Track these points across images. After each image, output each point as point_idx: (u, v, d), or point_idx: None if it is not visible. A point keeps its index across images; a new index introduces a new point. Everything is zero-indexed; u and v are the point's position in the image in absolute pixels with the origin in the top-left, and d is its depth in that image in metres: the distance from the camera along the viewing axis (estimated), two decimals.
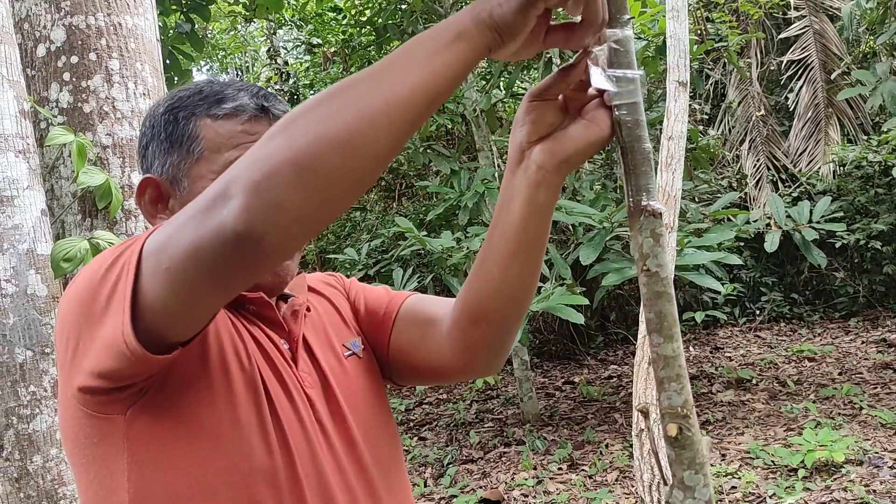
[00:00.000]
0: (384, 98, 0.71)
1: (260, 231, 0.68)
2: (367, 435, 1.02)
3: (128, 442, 0.86)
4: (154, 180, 0.99)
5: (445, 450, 5.48)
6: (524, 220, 0.93)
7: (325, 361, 1.03)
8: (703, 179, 7.56)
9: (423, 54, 0.74)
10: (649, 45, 5.14)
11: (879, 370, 5.91)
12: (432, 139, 7.36)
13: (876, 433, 4.58)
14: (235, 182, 0.70)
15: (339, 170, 0.70)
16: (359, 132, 0.70)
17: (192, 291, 0.75)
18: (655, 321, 0.76)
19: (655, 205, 0.77)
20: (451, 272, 5.59)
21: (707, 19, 7.93)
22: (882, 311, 7.76)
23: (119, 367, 0.80)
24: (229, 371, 0.90)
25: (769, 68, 9.25)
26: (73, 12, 2.27)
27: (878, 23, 6.81)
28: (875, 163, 7.73)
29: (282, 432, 0.92)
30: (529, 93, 0.91)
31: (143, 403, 0.85)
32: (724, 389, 5.96)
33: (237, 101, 0.97)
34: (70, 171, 2.25)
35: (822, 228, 5.42)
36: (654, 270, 0.76)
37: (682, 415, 0.73)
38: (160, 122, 0.99)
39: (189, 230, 0.72)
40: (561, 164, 0.90)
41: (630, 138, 0.79)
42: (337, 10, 8.07)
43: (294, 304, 1.05)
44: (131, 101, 2.32)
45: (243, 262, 0.72)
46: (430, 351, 1.09)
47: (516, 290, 0.99)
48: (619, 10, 0.80)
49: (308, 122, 0.71)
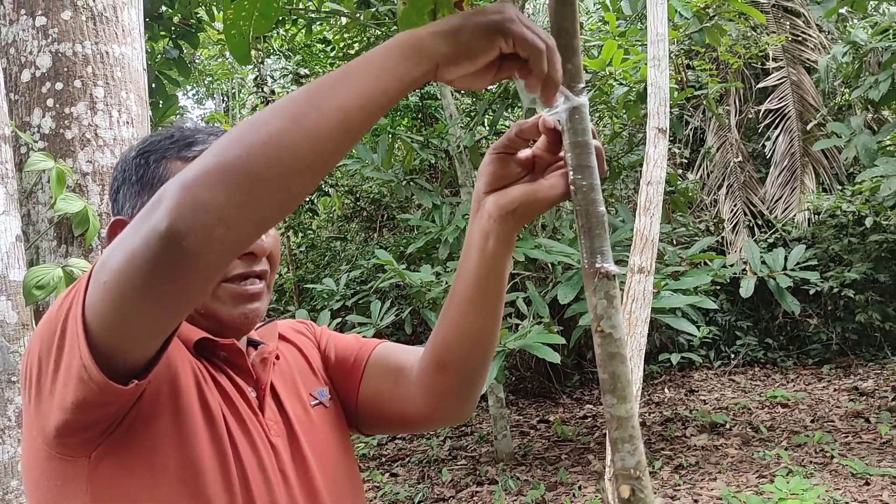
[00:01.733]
0: (314, 101, 0.71)
1: (183, 229, 0.67)
2: (331, 486, 1.02)
3: (90, 485, 0.85)
4: (125, 222, 0.99)
5: (417, 487, 5.41)
6: (478, 268, 0.96)
7: (292, 410, 1.03)
8: (682, 223, 7.65)
9: (376, 64, 0.74)
10: (631, 91, 5.23)
11: (851, 419, 5.96)
12: (415, 173, 7.40)
13: (846, 483, 4.60)
14: (169, 187, 0.70)
15: (264, 169, 0.69)
16: (284, 131, 0.69)
17: (127, 303, 0.73)
18: (609, 382, 0.76)
19: (610, 267, 0.79)
20: (430, 306, 5.58)
21: (688, 67, 8.10)
22: (854, 358, 7.84)
23: (83, 396, 0.79)
24: (194, 417, 0.89)
25: (747, 116, 9.43)
26: (61, 39, 2.28)
27: (853, 77, 6.99)
28: (849, 212, 7.87)
29: (245, 481, 0.91)
30: (493, 146, 0.94)
31: (107, 446, 0.84)
32: (697, 433, 5.97)
33: (207, 143, 0.98)
34: (48, 196, 2.24)
35: (796, 275, 5.49)
36: (608, 331, 0.77)
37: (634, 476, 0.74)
38: (131, 166, 1.00)
39: (126, 241, 0.71)
40: (507, 216, 0.93)
41: (584, 202, 0.81)
42: (326, 41, 8.14)
43: (263, 351, 1.05)
44: (114, 128, 2.32)
45: (169, 267, 0.69)
46: (399, 399, 1.09)
47: (476, 335, 1.01)
48: (574, 79, 0.83)
49: (244, 127, 0.71)
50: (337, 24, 7.22)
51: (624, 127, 7.15)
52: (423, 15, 0.95)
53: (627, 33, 5.55)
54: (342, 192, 9.34)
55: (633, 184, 7.62)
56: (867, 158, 6.14)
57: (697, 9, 5.28)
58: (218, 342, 0.98)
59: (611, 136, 7.02)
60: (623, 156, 6.76)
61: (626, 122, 6.91)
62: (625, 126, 7.11)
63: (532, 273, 5.74)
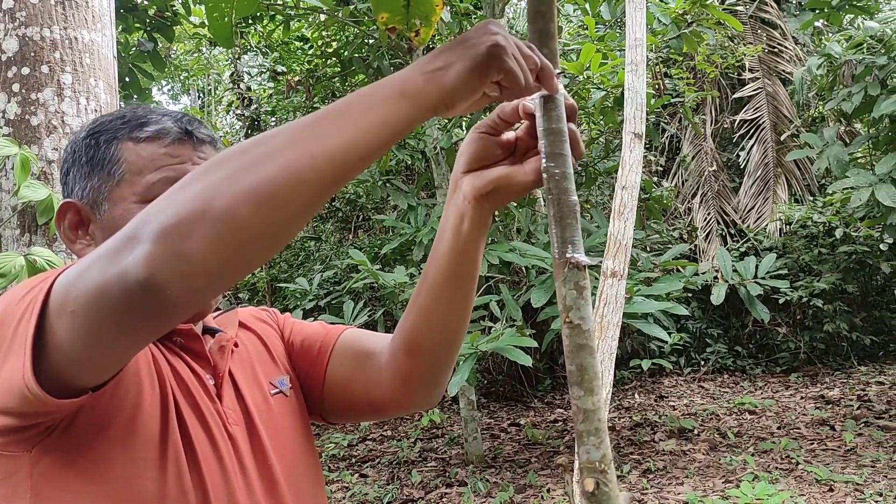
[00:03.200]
0: (311, 151, 0.68)
1: (163, 281, 0.64)
2: (290, 475, 1.00)
3: (31, 481, 0.81)
4: (74, 205, 0.96)
5: (386, 488, 5.38)
6: (451, 250, 0.95)
7: (251, 398, 1.01)
8: (655, 229, 7.70)
9: (363, 108, 0.71)
10: (608, 96, 5.26)
11: (817, 426, 6.03)
12: (392, 174, 7.37)
13: (811, 489, 4.65)
14: (146, 226, 0.65)
15: (256, 224, 0.65)
16: (280, 185, 0.66)
17: (96, 338, 0.70)
18: (576, 374, 0.75)
19: (580, 257, 0.77)
20: (403, 307, 5.55)
21: (665, 75, 8.16)
22: (821, 367, 7.95)
23: (21, 407, 0.76)
24: (143, 408, 0.86)
25: (723, 126, 9.53)
26: (28, 23, 2.23)
27: (827, 89, 7.09)
28: (820, 223, 7.98)
29: (198, 472, 0.88)
30: (476, 125, 0.92)
31: (49, 442, 0.81)
32: (666, 438, 6.00)
33: (160, 124, 0.95)
34: (12, 183, 2.18)
35: (766, 284, 5.55)
36: (577, 323, 0.76)
37: (599, 469, 0.72)
38: (81, 147, 0.97)
39: (95, 272, 0.67)
40: (482, 198, 0.91)
41: (557, 190, 0.80)
42: (303, 39, 8.09)
43: (221, 339, 1.02)
44: (82, 116, 2.27)
45: (147, 313, 0.67)
46: (367, 384, 1.08)
47: (447, 320, 1.00)
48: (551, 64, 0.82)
49: (229, 169, 0.66)
50: (315, 21, 7.18)
51: (601, 133, 7.19)
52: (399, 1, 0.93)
53: (606, 38, 5.58)
54: None
55: (608, 190, 7.66)
56: (839, 170, 6.23)
57: (676, 15, 5.32)
58: (175, 327, 0.95)
59: (587, 142, 7.05)
60: (599, 161, 6.79)
61: (602, 128, 6.94)
62: (601, 131, 7.15)
63: (506, 276, 5.74)
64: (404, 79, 0.73)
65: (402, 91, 0.73)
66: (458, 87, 0.74)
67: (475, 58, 0.74)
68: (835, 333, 7.83)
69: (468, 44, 0.75)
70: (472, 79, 0.74)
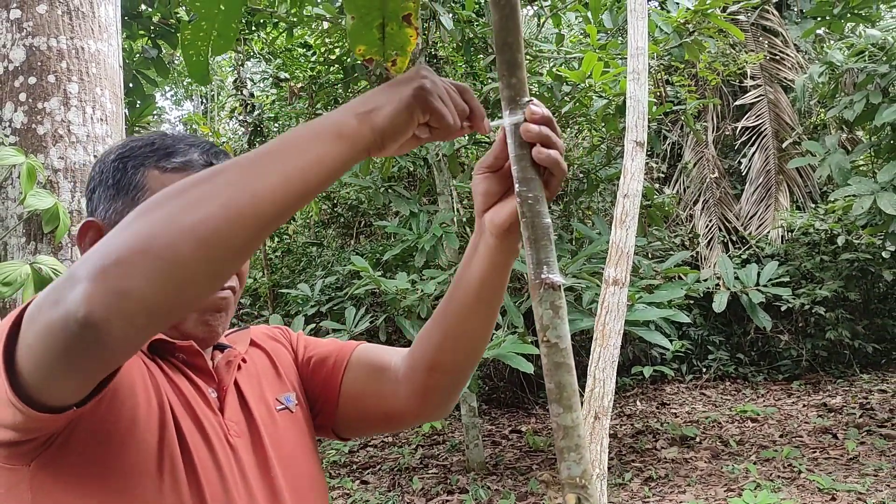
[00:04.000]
0: (251, 191, 0.69)
1: (102, 319, 0.64)
2: (294, 488, 1.01)
3: (32, 493, 0.83)
4: (97, 224, 0.99)
5: (387, 495, 5.38)
6: (482, 279, 0.99)
7: (257, 412, 1.02)
8: (657, 236, 7.71)
9: (299, 148, 0.73)
10: (610, 104, 5.27)
11: (819, 434, 6.02)
12: (394, 180, 7.38)
13: (813, 498, 4.64)
14: (83, 265, 0.66)
15: (196, 262, 0.66)
16: (220, 224, 0.67)
17: (49, 371, 0.72)
18: (555, 391, 0.77)
19: (555, 278, 0.79)
20: (405, 314, 5.56)
21: (667, 82, 8.18)
22: (823, 375, 7.94)
23: (14, 420, 0.77)
24: (139, 421, 0.87)
25: (724, 133, 9.54)
26: (35, 33, 2.25)
27: (829, 97, 7.09)
28: (822, 230, 7.98)
29: (196, 482, 0.89)
30: (478, 164, 0.95)
31: (48, 455, 0.82)
32: (668, 446, 6.00)
33: (187, 156, 0.97)
34: (18, 192, 2.20)
35: (768, 291, 5.55)
36: (554, 342, 0.78)
37: (580, 485, 0.74)
38: (109, 169, 0.99)
39: (45, 309, 0.69)
40: (504, 233, 0.94)
41: (530, 213, 0.82)
42: (306, 46, 8.11)
43: (229, 354, 1.04)
44: (88, 125, 2.28)
45: (89, 350, 0.68)
46: (382, 397, 1.11)
47: (473, 341, 1.05)
48: (519, 93, 0.84)
49: (170, 209, 0.67)
50: (318, 28, 7.20)
51: (602, 140, 7.20)
52: (372, 28, 0.94)
53: (608, 46, 5.59)
54: (320, 198, 9.30)
55: (610, 197, 7.67)
56: (840, 177, 6.23)
57: (677, 24, 5.34)
58: (175, 344, 0.97)
59: (589, 149, 7.06)
60: (601, 168, 6.81)
61: (604, 135, 6.95)
62: (603, 139, 7.16)
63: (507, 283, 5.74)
64: (339, 121, 0.77)
65: (338, 132, 0.75)
66: (388, 128, 0.78)
67: (402, 101, 0.79)
68: (837, 341, 7.82)
69: (397, 88, 0.80)
70: (400, 121, 0.79)
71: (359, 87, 7.61)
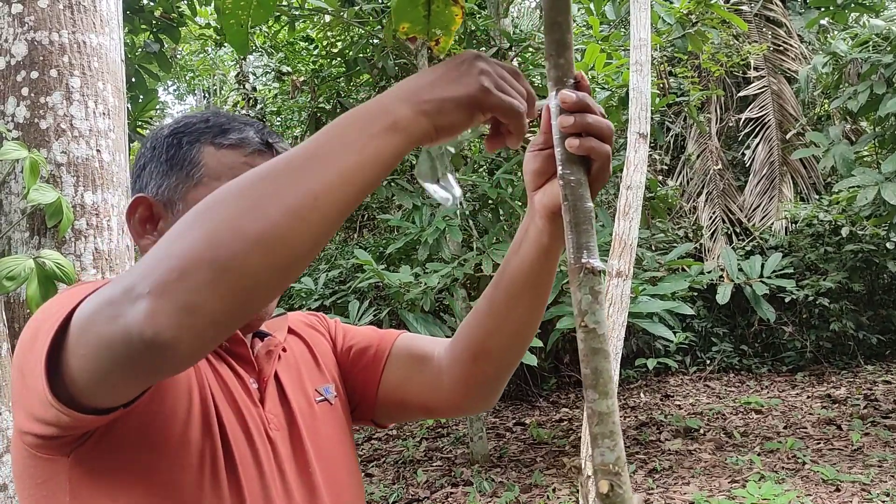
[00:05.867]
0: (312, 190, 0.67)
1: (171, 338, 0.62)
2: (331, 482, 1.00)
3: (70, 484, 0.82)
4: (147, 200, 0.97)
5: (392, 488, 5.40)
6: (530, 264, 0.96)
7: (296, 404, 1.01)
8: (661, 228, 7.70)
9: (354, 142, 0.70)
10: (613, 96, 5.26)
11: (823, 426, 6.02)
12: (396, 173, 7.37)
13: (817, 489, 4.65)
14: (144, 279, 0.63)
15: (262, 268, 0.64)
16: (284, 228, 0.65)
17: (106, 381, 0.70)
18: (591, 377, 0.76)
19: (595, 262, 0.78)
20: (408, 307, 5.57)
21: (670, 74, 8.16)
22: (828, 366, 7.93)
23: (57, 420, 0.76)
24: (182, 414, 0.86)
25: (728, 124, 9.52)
26: (37, 27, 2.24)
27: (832, 87, 7.07)
28: (825, 222, 7.96)
29: (235, 476, 0.88)
30: (530, 143, 0.93)
31: (87, 446, 0.82)
32: (672, 438, 6.01)
33: (243, 133, 0.96)
34: (21, 186, 2.20)
35: (772, 283, 5.55)
36: (592, 327, 0.77)
37: (613, 472, 0.73)
38: (162, 145, 0.97)
39: (101, 322, 0.66)
40: (553, 215, 0.91)
41: (573, 196, 0.80)
42: (308, 39, 8.10)
43: (270, 343, 1.03)
44: (90, 119, 2.28)
45: (154, 365, 0.66)
46: (424, 386, 1.09)
47: (520, 328, 1.01)
48: (566, 74, 0.82)
49: (227, 214, 0.65)
50: (320, 21, 7.19)
51: None
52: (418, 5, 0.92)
53: (611, 38, 5.57)
54: None
55: (613, 189, 7.66)
56: (844, 168, 6.22)
57: (680, 15, 5.32)
58: None
59: None
60: None
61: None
62: None
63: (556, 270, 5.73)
64: (392, 110, 0.73)
65: (392, 123, 0.72)
66: (445, 125, 0.76)
67: (462, 98, 0.75)
68: (841, 332, 7.81)
69: (457, 79, 0.76)
70: (458, 119, 0.76)
71: (361, 80, 7.60)
